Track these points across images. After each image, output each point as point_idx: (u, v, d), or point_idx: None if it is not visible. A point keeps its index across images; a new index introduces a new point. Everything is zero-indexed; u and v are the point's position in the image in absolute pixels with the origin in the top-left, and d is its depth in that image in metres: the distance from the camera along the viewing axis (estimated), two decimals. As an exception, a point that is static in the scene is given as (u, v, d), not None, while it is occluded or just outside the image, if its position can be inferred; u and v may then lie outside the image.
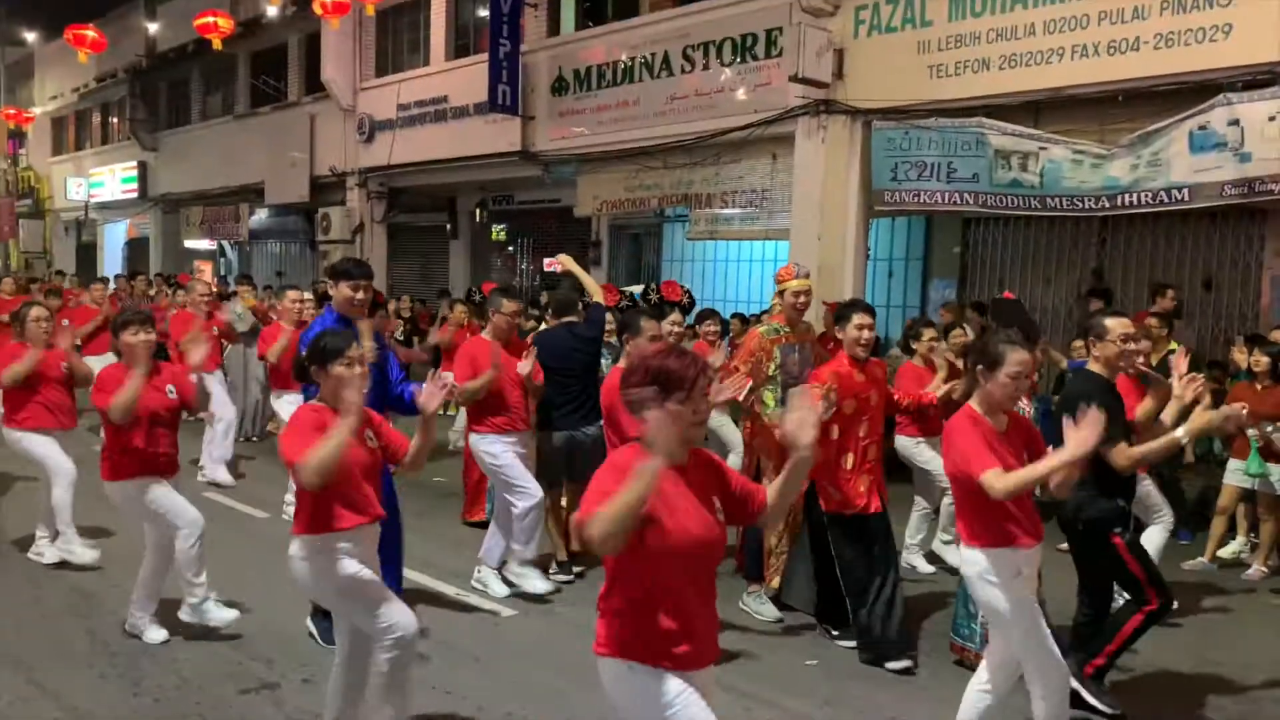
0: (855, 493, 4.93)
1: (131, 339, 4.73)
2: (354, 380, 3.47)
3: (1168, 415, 4.22)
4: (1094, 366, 4.21)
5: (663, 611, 2.52)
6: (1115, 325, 4.13)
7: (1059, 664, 3.53)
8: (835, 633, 5.12)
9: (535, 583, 5.66)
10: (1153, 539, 5.45)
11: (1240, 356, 7.19)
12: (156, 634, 4.81)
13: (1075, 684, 4.09)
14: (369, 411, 3.66)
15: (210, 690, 4.36)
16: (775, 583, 5.47)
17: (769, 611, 5.42)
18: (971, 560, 3.52)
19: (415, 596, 5.67)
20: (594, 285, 6.39)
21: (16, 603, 5.41)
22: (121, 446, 4.72)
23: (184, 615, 4.92)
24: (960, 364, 5.59)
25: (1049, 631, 3.52)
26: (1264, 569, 6.49)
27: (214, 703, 4.24)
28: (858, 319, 4.96)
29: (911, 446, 6.35)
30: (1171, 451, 4.28)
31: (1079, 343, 6.79)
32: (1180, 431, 4.03)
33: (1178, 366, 4.27)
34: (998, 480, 3.33)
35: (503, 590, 5.71)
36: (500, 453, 5.65)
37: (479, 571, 5.87)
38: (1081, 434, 3.22)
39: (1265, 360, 6.46)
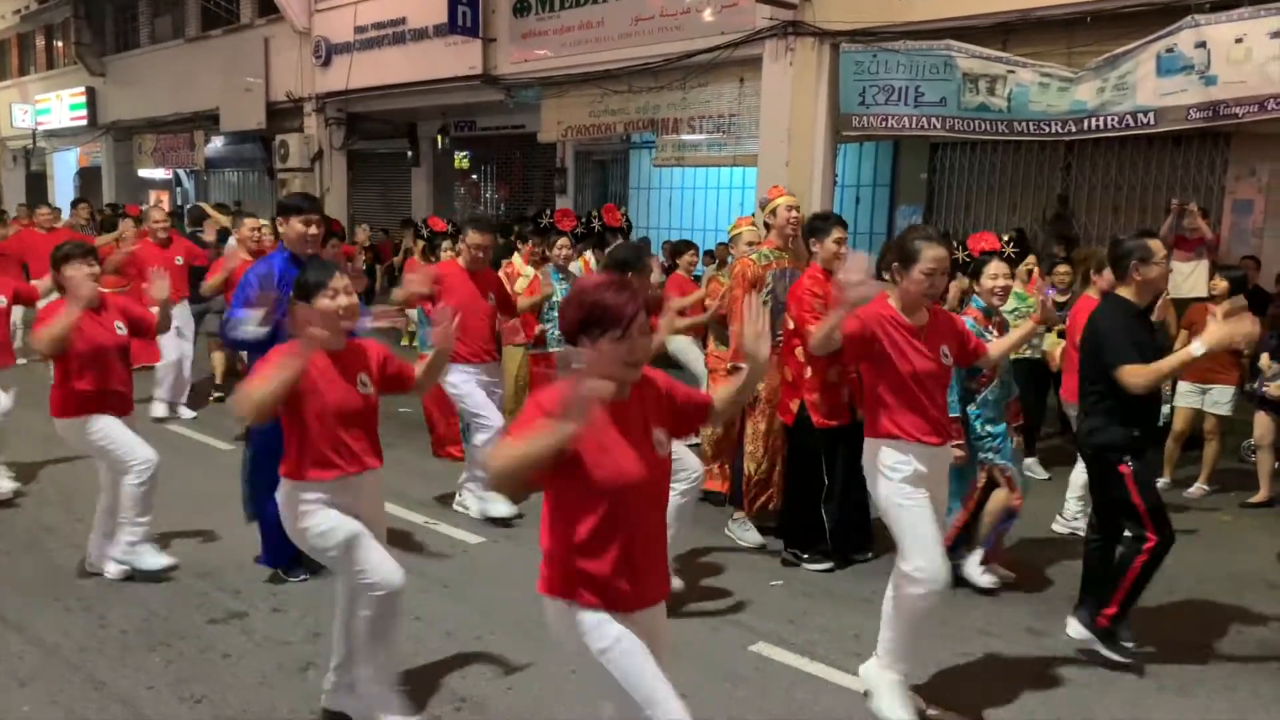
0: (841, 403, 5.04)
1: (73, 272, 4.54)
2: (338, 314, 3.28)
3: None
4: (1124, 292, 4.04)
5: (600, 551, 2.41)
6: (1159, 246, 4.03)
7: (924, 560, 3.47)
8: (804, 555, 5.19)
9: (498, 506, 5.73)
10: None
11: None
12: (116, 569, 4.78)
13: (1087, 633, 4.12)
14: (367, 347, 3.48)
15: (178, 621, 4.36)
16: (760, 506, 5.47)
17: (751, 538, 5.47)
18: (866, 449, 3.64)
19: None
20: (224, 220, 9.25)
21: (-23, 538, 5.36)
22: (69, 383, 4.56)
23: (117, 554, 4.75)
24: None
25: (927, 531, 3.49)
26: (1204, 487, 6.69)
27: (182, 633, 4.24)
28: (836, 233, 4.97)
29: None
30: (1185, 367, 4.12)
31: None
32: (1196, 345, 3.82)
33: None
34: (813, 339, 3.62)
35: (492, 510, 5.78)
36: (460, 382, 5.64)
37: (460, 495, 6.03)
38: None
39: (1224, 285, 6.52)
